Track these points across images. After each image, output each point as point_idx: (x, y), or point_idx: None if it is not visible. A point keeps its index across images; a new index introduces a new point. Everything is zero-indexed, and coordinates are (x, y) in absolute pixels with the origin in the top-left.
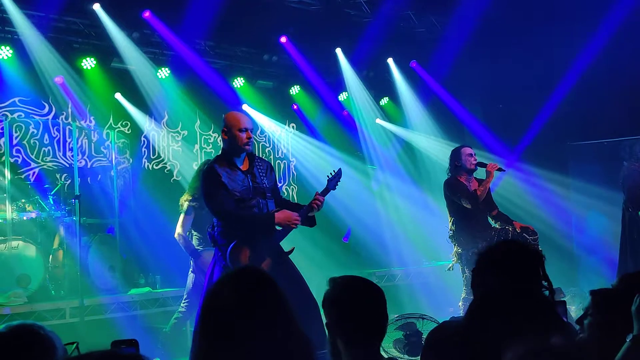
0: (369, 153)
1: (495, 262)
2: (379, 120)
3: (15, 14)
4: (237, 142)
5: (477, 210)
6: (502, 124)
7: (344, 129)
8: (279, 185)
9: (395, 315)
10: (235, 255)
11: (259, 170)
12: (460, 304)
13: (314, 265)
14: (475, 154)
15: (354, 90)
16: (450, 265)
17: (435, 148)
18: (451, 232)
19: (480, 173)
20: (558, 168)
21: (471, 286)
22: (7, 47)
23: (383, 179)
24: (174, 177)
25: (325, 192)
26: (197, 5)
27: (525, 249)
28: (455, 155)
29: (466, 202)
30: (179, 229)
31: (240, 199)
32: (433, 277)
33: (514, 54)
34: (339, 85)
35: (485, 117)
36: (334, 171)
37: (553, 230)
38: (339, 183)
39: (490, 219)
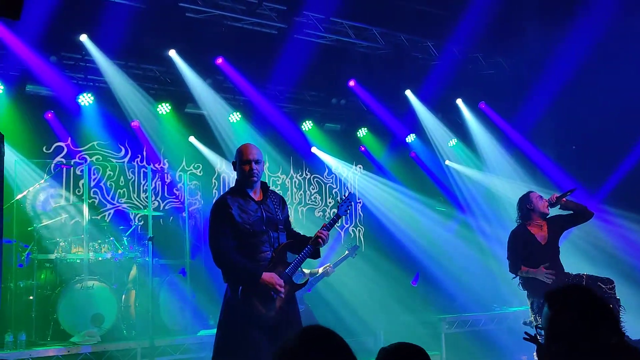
0: (441, 193)
1: (569, 306)
2: (448, 162)
3: (101, 60)
4: (243, 174)
5: (544, 259)
6: (579, 166)
7: (413, 170)
8: (346, 226)
9: None
10: (247, 294)
11: (273, 202)
12: (534, 353)
13: (382, 307)
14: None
15: (429, 131)
16: (530, 319)
17: (508, 189)
18: (521, 280)
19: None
20: None
21: (547, 335)
22: (89, 95)
23: (456, 220)
24: None
25: (334, 220)
26: (267, 51)
27: (595, 296)
28: (526, 201)
29: (509, 263)
30: None
31: (252, 232)
32: (505, 324)
33: (590, 95)
34: (407, 126)
35: (559, 159)
36: (344, 196)
37: None
38: (349, 208)
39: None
